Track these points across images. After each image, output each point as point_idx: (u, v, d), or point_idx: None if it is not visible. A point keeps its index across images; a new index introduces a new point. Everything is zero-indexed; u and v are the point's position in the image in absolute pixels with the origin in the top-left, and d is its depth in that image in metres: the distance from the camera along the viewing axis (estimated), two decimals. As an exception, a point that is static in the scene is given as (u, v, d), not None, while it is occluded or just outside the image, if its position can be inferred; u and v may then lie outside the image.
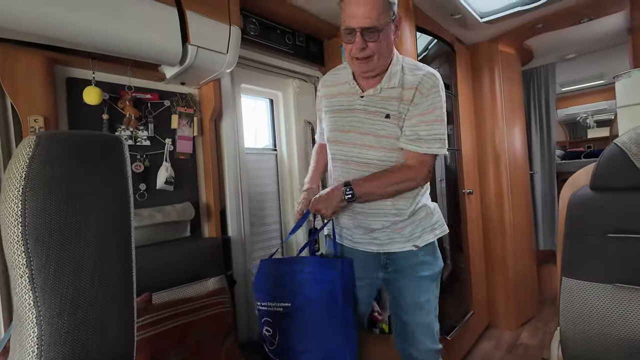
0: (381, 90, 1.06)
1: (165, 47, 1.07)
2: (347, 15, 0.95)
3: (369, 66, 1.02)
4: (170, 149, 1.36)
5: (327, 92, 1.19)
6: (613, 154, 0.96)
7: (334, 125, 1.14)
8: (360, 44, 0.96)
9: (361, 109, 1.08)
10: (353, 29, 0.95)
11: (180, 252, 1.28)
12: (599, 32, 2.50)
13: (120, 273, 0.48)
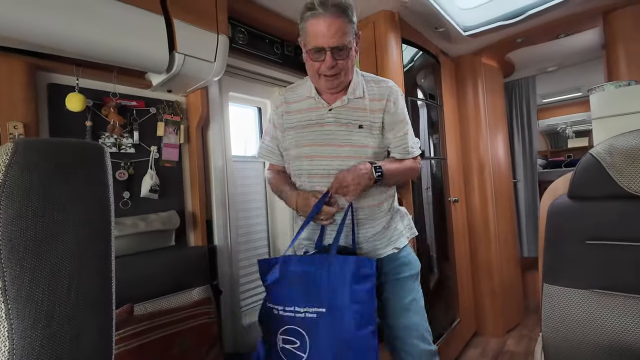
0: (348, 101, 1.09)
1: (152, 55, 1.07)
2: (315, 36, 0.98)
3: (336, 82, 1.05)
4: (156, 156, 1.34)
5: (289, 108, 1.16)
6: (588, 164, 1.00)
7: (305, 140, 1.11)
8: (330, 62, 0.99)
9: (332, 122, 1.08)
10: (322, 48, 0.98)
11: (165, 262, 1.25)
12: (576, 47, 2.62)
13: (99, 284, 0.47)
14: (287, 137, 1.15)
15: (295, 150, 1.12)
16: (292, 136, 1.13)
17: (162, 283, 1.19)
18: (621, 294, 0.87)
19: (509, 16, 1.94)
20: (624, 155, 0.94)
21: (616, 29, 1.94)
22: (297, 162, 1.12)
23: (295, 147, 1.12)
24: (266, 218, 1.96)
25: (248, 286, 1.80)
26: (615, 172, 0.94)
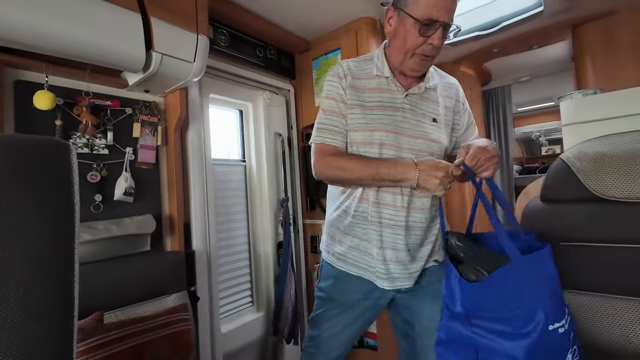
0: (425, 89, 0.97)
1: (128, 53, 1.04)
2: (432, 5, 0.82)
3: (428, 65, 0.93)
4: (131, 158, 1.30)
5: (355, 83, 0.96)
6: (559, 168, 1.04)
7: (377, 123, 0.93)
8: (440, 40, 0.85)
9: (408, 109, 0.94)
10: (436, 21, 0.83)
11: (139, 267, 1.20)
12: (548, 58, 2.74)
13: (59, 291, 0.44)
14: (353, 116, 0.95)
15: (364, 133, 0.93)
16: (359, 116, 0.94)
17: (135, 290, 1.15)
18: (594, 294, 0.90)
19: (485, 27, 2.01)
20: (592, 160, 0.98)
21: (584, 42, 2.05)
22: (363, 147, 0.93)
23: (364, 130, 0.93)
24: (247, 222, 1.93)
25: (227, 292, 1.76)
26: (584, 176, 0.98)
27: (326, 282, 1.05)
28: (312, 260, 2.13)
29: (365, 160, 0.90)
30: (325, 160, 0.94)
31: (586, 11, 1.92)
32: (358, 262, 0.97)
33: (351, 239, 0.98)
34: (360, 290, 0.98)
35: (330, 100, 0.97)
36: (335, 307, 1.02)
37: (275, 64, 2.02)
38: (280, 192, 2.00)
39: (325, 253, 1.06)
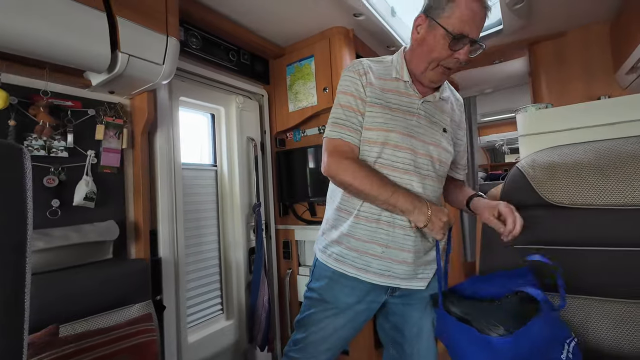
0: (439, 99, 0.99)
1: (91, 53, 1.00)
2: (465, 21, 0.83)
3: (445, 78, 0.96)
4: (94, 161, 1.24)
5: (376, 82, 0.95)
6: (515, 176, 1.12)
7: (394, 124, 0.91)
8: (466, 55, 0.86)
9: (423, 115, 0.95)
10: (466, 37, 0.83)
11: (100, 276, 1.14)
12: (508, 72, 2.93)
13: (7, 302, 0.42)
14: (371, 114, 0.92)
15: (380, 133, 0.91)
16: (378, 115, 0.92)
17: (95, 300, 1.09)
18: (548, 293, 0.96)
19: (451, 41, 2.13)
20: (543, 169, 1.06)
21: (539, 59, 2.21)
22: (377, 147, 0.91)
23: (381, 129, 0.91)
24: (217, 228, 1.89)
25: (196, 300, 1.71)
26: (536, 184, 1.06)
27: (319, 283, 1.00)
28: (285, 266, 2.12)
29: (382, 180, 0.88)
30: (340, 161, 0.90)
31: (540, 31, 2.08)
32: (355, 263, 0.94)
33: (351, 240, 0.94)
34: (355, 292, 0.95)
35: (348, 95, 0.94)
36: (327, 309, 0.97)
37: (248, 69, 2.01)
38: (252, 197, 1.98)
39: (321, 253, 1.01)
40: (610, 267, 0.94)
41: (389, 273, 0.92)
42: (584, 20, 1.99)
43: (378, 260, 0.92)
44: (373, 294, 0.96)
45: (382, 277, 0.92)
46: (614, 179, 0.95)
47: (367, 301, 0.96)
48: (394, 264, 0.92)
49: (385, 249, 0.92)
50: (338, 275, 0.96)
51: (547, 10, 1.83)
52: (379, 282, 0.93)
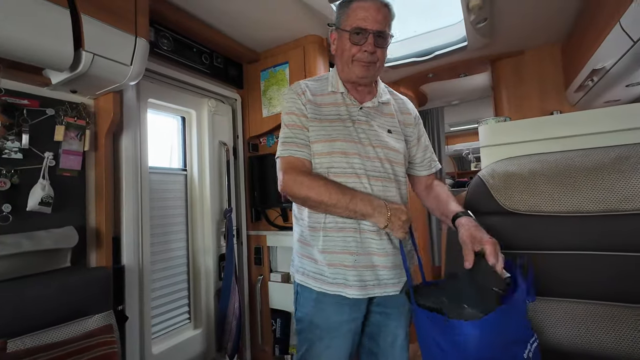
0: (379, 104, 1.04)
1: (52, 50, 0.95)
2: (361, 17, 0.93)
3: (371, 72, 0.98)
4: (52, 164, 1.17)
5: (314, 98, 1.01)
6: (477, 184, 1.19)
7: (338, 134, 0.96)
8: (372, 46, 0.94)
9: (364, 120, 0.99)
10: (366, 30, 0.93)
11: (55, 286, 1.07)
12: (473, 86, 3.11)
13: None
14: (314, 129, 0.98)
15: (326, 144, 0.96)
16: (320, 128, 0.97)
17: (50, 312, 1.02)
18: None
19: (421, 54, 2.23)
20: (502, 178, 1.14)
21: (500, 75, 2.37)
22: (326, 158, 0.96)
23: (326, 141, 0.96)
24: (186, 234, 1.83)
25: (162, 309, 1.65)
26: (495, 192, 1.13)
27: (306, 309, 0.97)
28: (256, 272, 2.09)
29: (339, 187, 0.90)
30: (295, 177, 0.93)
31: (501, 49, 2.23)
32: (336, 279, 0.93)
33: (325, 255, 0.94)
34: (343, 309, 0.94)
35: (291, 115, 0.99)
36: (322, 337, 0.94)
37: (222, 73, 1.99)
38: (223, 202, 1.94)
39: (299, 275, 0.99)
40: (562, 269, 1.02)
41: (364, 284, 0.92)
42: (538, 41, 2.16)
43: (352, 270, 0.92)
44: (355, 308, 0.95)
45: (360, 290, 0.92)
46: (561, 189, 1.03)
47: (353, 319, 0.95)
48: (367, 271, 0.93)
49: (357, 256, 0.93)
50: (322, 296, 0.94)
51: (506, 30, 1.97)
52: (358, 296, 0.92)
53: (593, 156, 1.04)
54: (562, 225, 1.03)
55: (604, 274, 0.96)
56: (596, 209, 0.98)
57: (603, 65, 1.54)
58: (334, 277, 0.93)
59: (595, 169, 1.01)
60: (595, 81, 1.69)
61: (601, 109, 1.15)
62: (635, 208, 0.93)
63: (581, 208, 1.00)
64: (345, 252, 0.93)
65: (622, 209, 0.95)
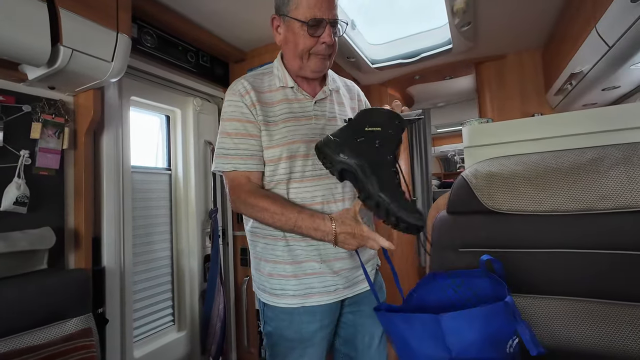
0: (330, 92, 0.96)
1: (27, 45, 0.92)
2: (314, 5, 0.83)
3: (326, 65, 0.91)
4: (27, 162, 1.13)
5: (261, 98, 0.89)
6: (460, 185, 1.21)
7: (296, 135, 0.87)
8: (330, 37, 0.85)
9: (320, 115, 0.92)
10: (322, 20, 0.83)
11: (32, 289, 1.03)
12: (458, 88, 3.16)
13: None
14: (267, 133, 0.87)
15: (283, 148, 0.86)
16: (274, 132, 0.87)
17: (24, 315, 0.98)
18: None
19: (407, 56, 2.26)
20: (485, 179, 1.16)
21: (484, 77, 2.42)
22: (285, 163, 0.86)
23: (284, 144, 0.86)
24: (170, 235, 1.80)
25: (144, 312, 1.61)
26: (478, 192, 1.15)
27: (274, 323, 0.91)
28: (242, 273, 2.07)
29: (283, 208, 0.81)
30: (241, 197, 0.85)
31: (484, 53, 2.28)
32: (298, 291, 0.87)
33: (286, 267, 0.88)
34: (316, 317, 0.88)
35: (233, 121, 0.87)
36: (293, 349, 0.88)
37: (208, 71, 1.97)
38: (209, 202, 1.92)
39: (262, 293, 0.92)
40: (544, 267, 1.04)
41: (334, 288, 0.88)
42: (519, 46, 2.22)
43: (318, 277, 0.87)
44: (327, 315, 0.90)
45: (328, 295, 0.87)
46: (541, 189, 1.06)
47: (325, 325, 0.90)
48: (334, 276, 0.88)
49: (322, 263, 0.87)
50: (291, 309, 0.88)
51: (489, 34, 2.02)
52: (327, 302, 0.87)
53: (570, 157, 1.07)
54: (542, 224, 1.06)
55: (583, 272, 0.99)
56: (574, 208, 1.01)
57: (581, 70, 1.59)
58: (297, 289, 0.87)
59: (573, 170, 1.04)
60: (574, 85, 1.75)
61: (579, 111, 1.18)
62: (611, 207, 0.97)
63: (560, 207, 1.03)
64: (310, 260, 0.87)
65: (598, 208, 0.98)
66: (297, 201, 0.86)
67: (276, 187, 0.88)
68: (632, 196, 0.93)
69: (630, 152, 0.99)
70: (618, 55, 1.34)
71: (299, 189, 0.87)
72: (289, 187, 0.87)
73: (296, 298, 0.86)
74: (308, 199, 0.86)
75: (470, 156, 1.34)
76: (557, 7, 1.74)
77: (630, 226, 0.94)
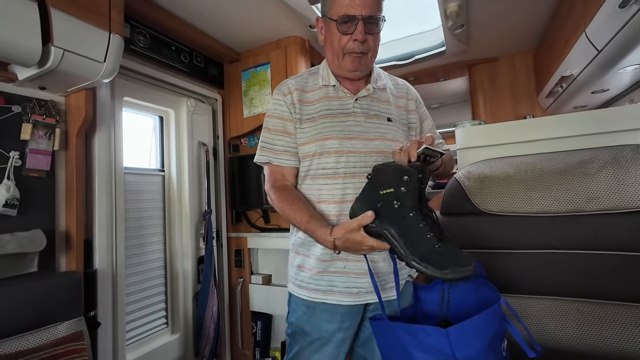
0: (374, 90, 0.95)
1: (17, 45, 0.91)
2: (344, 5, 0.83)
3: (363, 62, 0.89)
4: (17, 164, 1.11)
5: (303, 97, 0.93)
6: (453, 186, 1.22)
7: (329, 132, 0.89)
8: (362, 34, 0.84)
9: (359, 112, 0.91)
10: (354, 17, 0.83)
11: (21, 292, 1.02)
12: (452, 89, 3.19)
13: None
14: (304, 131, 0.91)
15: (316, 144, 0.88)
16: (309, 128, 0.90)
17: (13, 319, 0.96)
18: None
19: (401, 57, 2.27)
20: (476, 180, 1.17)
21: (477, 79, 2.44)
22: (318, 159, 0.89)
23: (317, 140, 0.89)
24: (164, 237, 1.79)
25: (137, 314, 1.59)
26: (471, 193, 1.16)
27: (296, 315, 0.93)
28: (236, 275, 2.06)
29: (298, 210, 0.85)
30: (270, 192, 0.92)
31: (477, 55, 2.31)
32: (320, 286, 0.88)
33: (312, 261, 0.90)
34: (335, 317, 0.89)
35: (273, 118, 0.94)
36: (311, 343, 0.89)
37: (202, 72, 1.96)
38: (202, 204, 1.91)
39: (290, 284, 0.95)
40: (535, 267, 1.06)
41: (356, 290, 0.87)
42: (511, 49, 2.25)
43: (341, 277, 0.87)
44: (348, 317, 0.89)
45: (350, 296, 0.87)
46: (534, 190, 1.07)
47: (344, 328, 0.89)
48: (358, 277, 0.87)
49: (347, 262, 0.87)
50: (313, 303, 0.90)
51: (481, 37, 2.04)
52: (348, 303, 0.87)
53: (560, 159, 1.09)
54: (533, 225, 1.08)
55: (573, 272, 1.00)
56: (564, 209, 1.03)
57: (571, 73, 1.62)
58: (319, 284, 0.88)
59: (562, 172, 1.05)
60: (564, 88, 1.77)
61: (568, 114, 1.21)
62: (599, 208, 0.98)
63: (550, 208, 1.04)
64: (335, 259, 0.87)
65: (587, 210, 1.00)
66: (327, 198, 0.88)
67: (311, 182, 0.90)
68: (619, 198, 0.95)
69: (618, 154, 1.00)
70: (607, 59, 1.37)
71: (331, 186, 0.87)
72: (321, 183, 0.88)
73: (318, 293, 0.88)
74: (338, 197, 0.86)
75: (462, 158, 1.35)
76: (548, 12, 1.76)
77: (617, 228, 0.96)
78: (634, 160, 0.97)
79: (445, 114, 4.19)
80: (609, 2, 1.10)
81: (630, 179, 0.95)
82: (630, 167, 0.96)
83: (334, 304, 0.87)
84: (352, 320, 0.90)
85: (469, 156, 1.33)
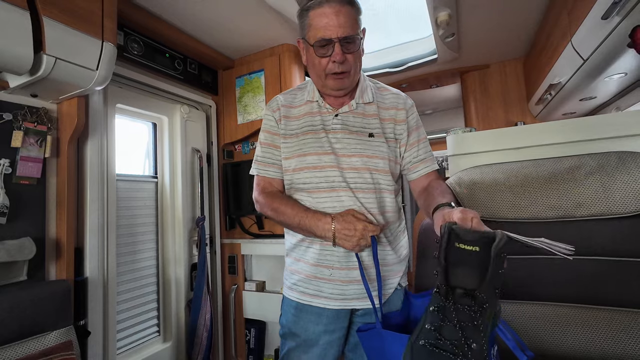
0: (357, 106, 0.95)
1: (8, 53, 0.90)
2: (321, 27, 0.84)
3: (346, 82, 0.91)
4: (8, 171, 1.11)
5: (289, 113, 0.97)
6: (445, 192, 1.23)
7: (309, 147, 0.92)
8: (340, 56, 0.85)
9: (339, 129, 0.93)
10: (330, 40, 0.84)
11: (10, 301, 1.00)
12: (445, 96, 3.23)
13: None
14: (287, 145, 0.95)
15: (297, 160, 0.93)
16: (292, 144, 0.94)
17: (3, 328, 0.95)
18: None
19: (394, 65, 2.30)
20: (467, 186, 1.19)
21: (469, 87, 2.48)
22: (299, 174, 0.93)
23: (297, 156, 0.93)
24: (156, 244, 1.77)
25: (128, 323, 1.57)
26: (462, 199, 1.17)
27: (286, 317, 0.97)
28: (230, 281, 2.05)
29: (291, 208, 0.89)
30: (258, 198, 0.97)
31: (469, 62, 2.35)
32: (308, 289, 0.92)
33: (302, 265, 0.93)
34: (321, 320, 0.91)
35: (265, 133, 1.00)
36: (299, 345, 0.93)
37: (196, 79, 1.97)
38: (196, 210, 1.90)
39: (284, 287, 1.00)
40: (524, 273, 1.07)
41: (342, 296, 0.89)
42: (501, 56, 2.29)
43: (328, 283, 0.89)
44: (336, 321, 0.91)
45: (337, 301, 0.89)
46: (521, 196, 1.09)
47: (330, 330, 0.91)
48: (344, 285, 0.89)
49: (333, 270, 0.89)
50: (302, 305, 0.93)
51: (472, 45, 2.08)
52: (334, 307, 0.89)
53: (549, 166, 1.11)
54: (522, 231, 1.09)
55: (563, 278, 1.01)
56: (553, 215, 1.04)
57: (559, 81, 1.65)
58: (307, 287, 0.92)
59: (551, 178, 1.07)
60: (553, 95, 1.81)
61: (557, 121, 1.23)
62: (587, 214, 1.00)
63: (539, 214, 1.06)
64: (321, 265, 0.89)
65: (575, 215, 1.01)
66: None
67: (293, 196, 0.96)
68: (606, 204, 0.97)
69: (604, 161, 1.02)
70: (592, 68, 1.40)
71: (313, 199, 0.91)
72: (301, 198, 0.93)
73: (306, 295, 0.92)
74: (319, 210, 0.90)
75: (454, 164, 1.37)
76: (537, 20, 1.80)
77: (604, 233, 0.98)
78: (618, 167, 0.99)
79: (439, 120, 4.24)
80: (593, 14, 1.13)
81: (615, 186, 0.97)
82: (615, 174, 0.98)
83: (321, 307, 0.90)
84: (337, 324, 0.93)
85: (460, 162, 1.34)
